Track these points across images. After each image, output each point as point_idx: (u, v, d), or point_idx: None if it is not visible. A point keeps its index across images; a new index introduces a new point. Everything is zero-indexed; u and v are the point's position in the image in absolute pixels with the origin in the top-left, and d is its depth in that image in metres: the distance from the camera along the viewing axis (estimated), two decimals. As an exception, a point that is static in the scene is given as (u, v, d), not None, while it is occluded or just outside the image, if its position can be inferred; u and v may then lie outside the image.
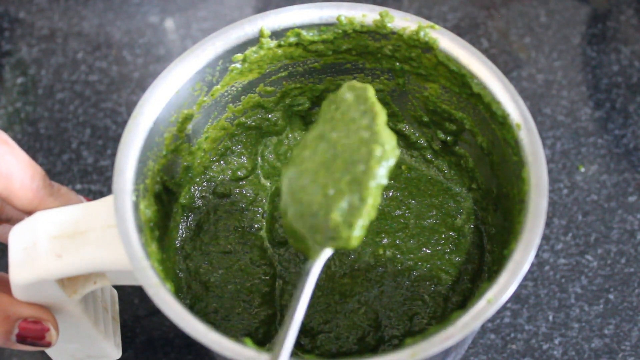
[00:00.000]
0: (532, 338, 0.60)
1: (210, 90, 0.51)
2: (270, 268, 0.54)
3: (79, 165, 0.67)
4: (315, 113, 0.57)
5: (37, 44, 0.73)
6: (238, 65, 0.51)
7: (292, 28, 0.51)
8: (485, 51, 0.72)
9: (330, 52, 0.52)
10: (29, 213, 0.47)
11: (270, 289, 0.53)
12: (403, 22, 0.50)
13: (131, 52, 0.73)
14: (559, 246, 0.63)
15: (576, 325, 0.60)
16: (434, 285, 0.52)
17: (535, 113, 0.69)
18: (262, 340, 0.52)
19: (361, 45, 0.52)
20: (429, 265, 0.53)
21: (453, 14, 0.75)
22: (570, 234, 0.64)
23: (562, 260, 0.63)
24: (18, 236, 0.45)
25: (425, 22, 0.50)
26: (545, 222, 0.44)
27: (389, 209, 0.55)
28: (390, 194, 0.55)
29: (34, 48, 0.73)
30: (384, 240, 0.54)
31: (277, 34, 0.51)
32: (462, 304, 0.52)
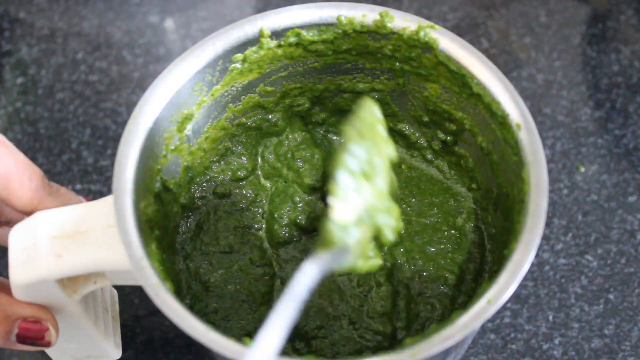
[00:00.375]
0: (532, 338, 0.60)
1: (210, 90, 0.51)
2: (270, 268, 0.54)
3: (79, 165, 0.67)
4: (315, 113, 0.57)
5: (37, 44, 0.73)
6: (238, 65, 0.51)
7: (292, 28, 0.51)
8: (485, 51, 0.72)
9: (330, 52, 0.52)
10: (28, 214, 0.47)
11: (270, 289, 0.53)
12: (403, 22, 0.50)
13: (131, 52, 0.73)
14: (559, 246, 0.63)
15: (576, 325, 0.60)
16: (441, 285, 0.52)
17: (535, 113, 0.69)
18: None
19: (361, 45, 0.52)
20: (434, 264, 0.53)
21: (453, 14, 0.75)
22: (570, 234, 0.64)
23: (562, 260, 0.63)
24: (18, 236, 0.45)
25: (425, 22, 0.50)
26: (545, 222, 0.44)
27: None
28: None
29: (34, 48, 0.73)
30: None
31: (277, 34, 0.51)
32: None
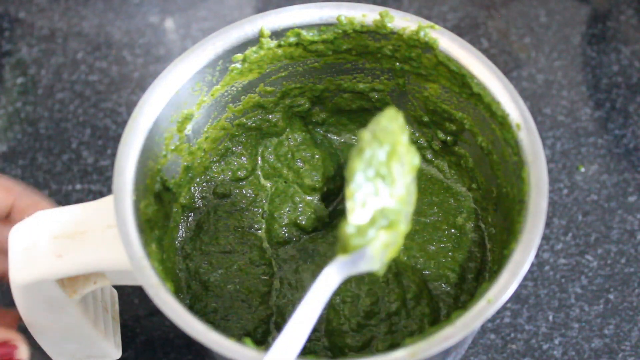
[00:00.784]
0: (532, 338, 0.60)
1: (210, 90, 0.51)
2: (270, 268, 0.54)
3: (79, 165, 0.67)
4: (315, 113, 0.57)
5: (37, 44, 0.73)
6: (238, 65, 0.51)
7: (292, 28, 0.51)
8: (485, 51, 0.72)
9: (330, 52, 0.52)
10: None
11: (270, 289, 0.53)
12: (403, 22, 0.50)
13: (131, 52, 0.73)
14: (559, 246, 0.63)
15: (576, 325, 0.60)
16: (443, 284, 0.52)
17: (535, 113, 0.69)
18: (261, 339, 0.52)
19: (361, 45, 0.52)
20: (435, 262, 0.53)
21: (453, 14, 0.75)
22: (570, 234, 0.64)
23: (562, 260, 0.63)
24: (18, 236, 0.45)
25: (425, 22, 0.50)
26: (545, 222, 0.44)
27: None
28: None
29: (34, 48, 0.73)
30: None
31: (277, 34, 0.51)
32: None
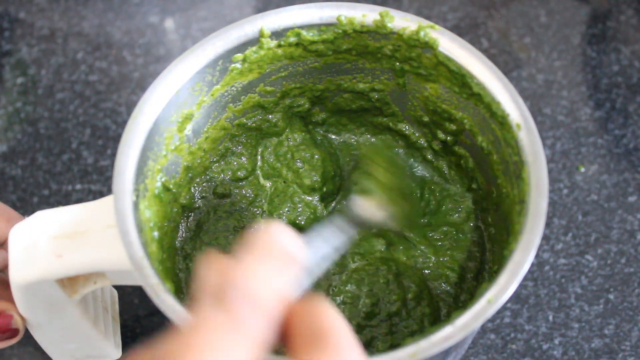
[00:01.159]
0: (532, 338, 0.60)
1: (211, 90, 0.51)
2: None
3: (79, 165, 0.67)
4: (315, 113, 0.57)
5: (37, 44, 0.73)
6: (238, 65, 0.51)
7: (292, 28, 0.51)
8: (485, 51, 0.72)
9: (330, 52, 0.52)
10: None
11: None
12: (403, 22, 0.50)
13: (131, 52, 0.73)
14: (559, 246, 0.63)
15: (576, 325, 0.60)
16: (443, 283, 0.52)
17: (535, 113, 0.69)
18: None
19: (361, 45, 0.52)
20: (435, 262, 0.53)
21: (453, 14, 0.75)
22: (570, 234, 0.64)
23: (562, 260, 0.63)
24: (18, 236, 0.45)
25: (425, 22, 0.50)
26: (545, 222, 0.44)
27: None
28: None
29: (34, 48, 0.73)
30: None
31: (277, 34, 0.51)
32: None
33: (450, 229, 0.54)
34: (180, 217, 0.54)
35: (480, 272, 0.53)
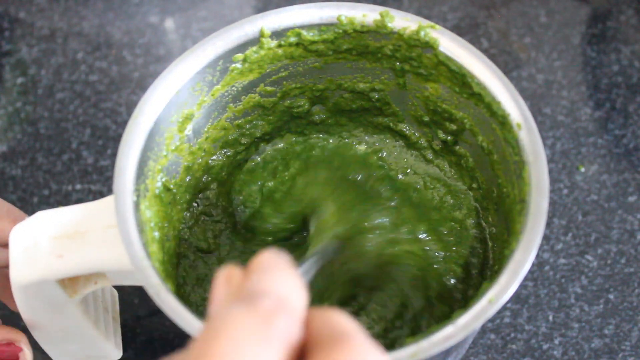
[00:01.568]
0: (532, 338, 0.60)
1: (211, 90, 0.51)
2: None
3: (79, 165, 0.67)
4: (315, 113, 0.57)
5: (37, 44, 0.73)
6: (238, 65, 0.51)
7: (293, 28, 0.51)
8: (485, 51, 0.72)
9: (330, 52, 0.52)
10: None
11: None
12: (403, 22, 0.50)
13: (131, 52, 0.73)
14: (559, 246, 0.63)
15: (576, 325, 0.60)
16: (452, 278, 0.52)
17: (535, 113, 0.69)
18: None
19: (361, 45, 0.52)
20: (443, 257, 0.53)
21: (453, 14, 0.75)
22: (570, 234, 0.64)
23: (562, 260, 0.63)
24: (19, 236, 0.45)
25: (425, 22, 0.50)
26: (545, 222, 0.44)
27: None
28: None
29: (34, 48, 0.73)
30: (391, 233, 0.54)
31: (277, 34, 0.51)
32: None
33: (455, 225, 0.54)
34: (181, 217, 0.54)
35: (483, 270, 0.53)
